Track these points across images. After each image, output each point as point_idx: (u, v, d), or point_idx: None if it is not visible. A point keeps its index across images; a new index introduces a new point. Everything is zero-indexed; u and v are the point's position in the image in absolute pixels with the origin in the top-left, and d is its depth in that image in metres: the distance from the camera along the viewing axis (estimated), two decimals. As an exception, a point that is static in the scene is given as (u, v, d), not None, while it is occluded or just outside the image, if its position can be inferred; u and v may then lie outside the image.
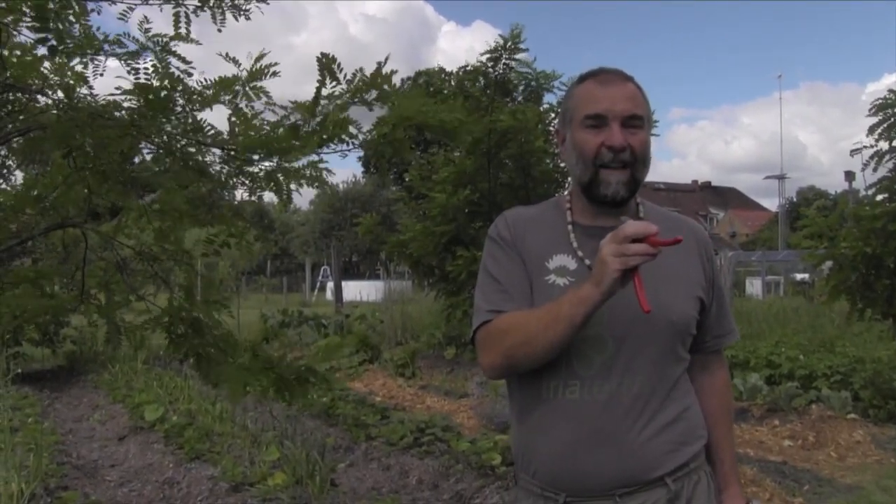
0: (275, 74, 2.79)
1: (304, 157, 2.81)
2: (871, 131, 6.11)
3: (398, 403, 7.99)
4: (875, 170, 6.22)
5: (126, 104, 2.66)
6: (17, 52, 2.70)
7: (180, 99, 2.70)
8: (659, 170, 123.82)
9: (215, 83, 2.73)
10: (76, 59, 2.61)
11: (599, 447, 1.49)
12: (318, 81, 2.65)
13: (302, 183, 2.93)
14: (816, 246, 6.78)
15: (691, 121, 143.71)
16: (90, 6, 2.59)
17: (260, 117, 2.88)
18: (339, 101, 2.65)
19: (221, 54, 2.75)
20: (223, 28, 2.84)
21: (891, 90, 6.11)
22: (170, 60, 2.70)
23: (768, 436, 6.32)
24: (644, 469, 1.50)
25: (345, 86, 2.65)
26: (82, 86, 2.66)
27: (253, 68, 2.74)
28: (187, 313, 3.10)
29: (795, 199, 49.77)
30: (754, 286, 22.86)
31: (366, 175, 47.50)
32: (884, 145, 6.14)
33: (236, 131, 2.82)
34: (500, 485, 4.54)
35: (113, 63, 2.70)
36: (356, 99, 2.65)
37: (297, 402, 3.25)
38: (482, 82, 9.37)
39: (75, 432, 6.94)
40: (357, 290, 21.19)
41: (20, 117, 2.76)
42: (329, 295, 24.95)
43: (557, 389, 1.53)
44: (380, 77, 2.65)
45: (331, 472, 4.87)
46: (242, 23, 2.90)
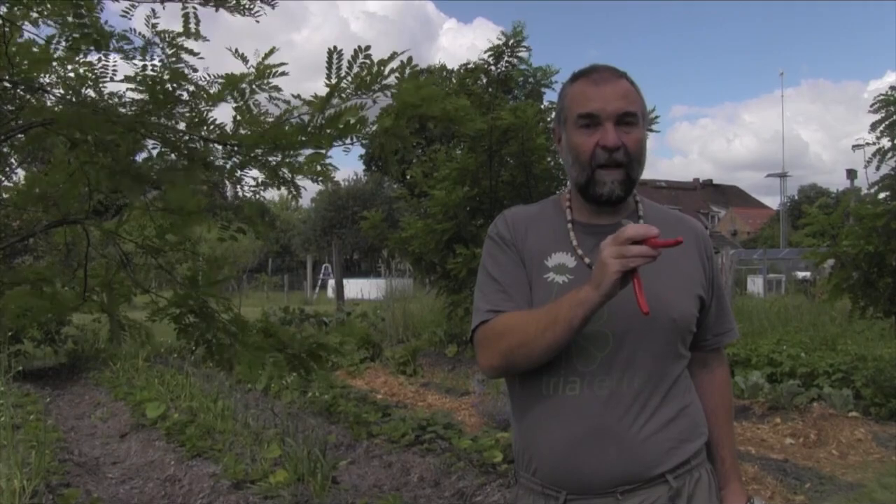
0: (283, 74, 2.79)
1: (315, 151, 2.83)
2: (874, 128, 6.10)
3: (399, 401, 7.99)
4: (878, 168, 6.22)
5: (130, 96, 2.67)
6: (34, 49, 2.70)
7: (185, 94, 2.70)
8: (660, 168, 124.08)
9: (223, 81, 2.73)
10: (89, 56, 2.62)
11: (600, 444, 1.49)
12: (330, 79, 2.65)
13: (308, 178, 2.94)
14: (818, 244, 6.78)
15: (693, 118, 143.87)
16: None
17: (266, 112, 2.88)
18: (344, 95, 2.66)
19: (230, 49, 2.75)
20: (228, 24, 2.84)
21: (893, 87, 6.11)
22: (180, 55, 2.71)
23: (770, 434, 6.32)
24: (645, 466, 1.50)
25: (350, 80, 2.66)
26: (92, 83, 2.66)
27: (261, 66, 2.74)
28: (195, 301, 3.12)
29: (797, 198, 49.71)
30: (756, 284, 22.82)
31: (367, 173, 47.55)
32: (886, 143, 6.14)
33: (240, 129, 2.82)
34: (502, 482, 4.54)
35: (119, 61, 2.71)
36: (361, 91, 2.66)
37: (312, 377, 3.30)
38: (484, 80, 9.36)
39: (77, 430, 6.95)
40: (358, 288, 21.21)
41: (23, 113, 2.76)
42: (330, 293, 24.96)
43: (558, 386, 1.53)
44: (388, 75, 2.66)
45: (332, 470, 4.87)
46: (243, 20, 2.90)
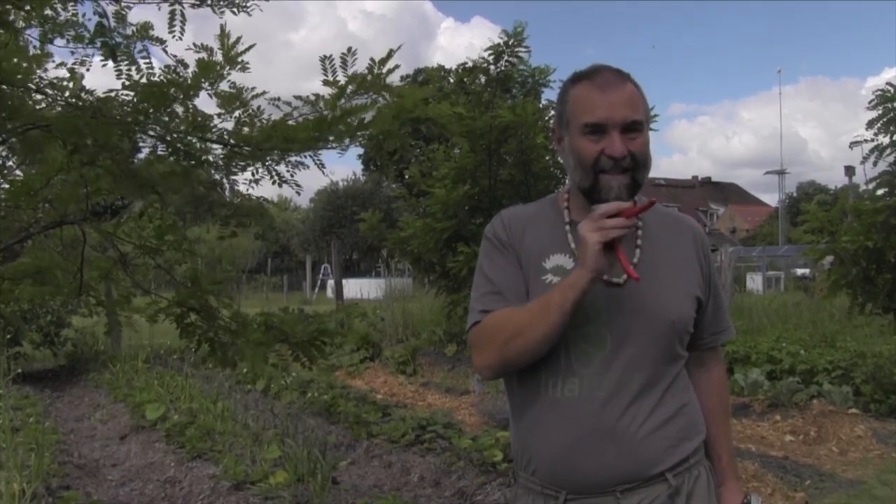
0: (247, 49, 2.79)
1: (336, 147, 2.86)
2: (871, 125, 6.10)
3: (399, 401, 7.99)
4: (875, 164, 6.21)
5: (123, 96, 2.67)
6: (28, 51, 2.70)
7: (173, 89, 2.70)
8: (659, 165, 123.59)
9: (197, 69, 2.73)
10: (70, 56, 2.62)
11: (600, 444, 1.49)
12: (330, 82, 2.68)
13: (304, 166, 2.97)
14: (817, 241, 6.78)
15: (691, 116, 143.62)
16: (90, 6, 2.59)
17: (264, 112, 2.89)
18: (346, 96, 2.69)
19: (191, 47, 2.75)
20: (222, 23, 2.84)
21: (889, 83, 6.10)
22: (152, 50, 2.72)
23: (769, 431, 6.32)
24: (645, 465, 1.50)
25: (350, 82, 2.69)
26: (77, 84, 2.66)
27: (224, 48, 2.74)
28: (196, 300, 3.13)
29: (796, 195, 49.74)
30: (755, 281, 22.85)
31: (366, 173, 47.53)
32: (884, 139, 6.13)
33: (243, 129, 2.83)
34: (502, 481, 4.54)
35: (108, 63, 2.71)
36: (362, 93, 2.69)
37: (317, 363, 3.34)
38: (482, 79, 9.35)
39: (76, 432, 6.94)
40: (358, 288, 21.21)
41: (19, 117, 2.76)
42: (330, 293, 24.95)
43: (556, 387, 1.53)
44: (386, 75, 2.69)
45: (332, 470, 4.87)
46: (240, 21, 2.92)
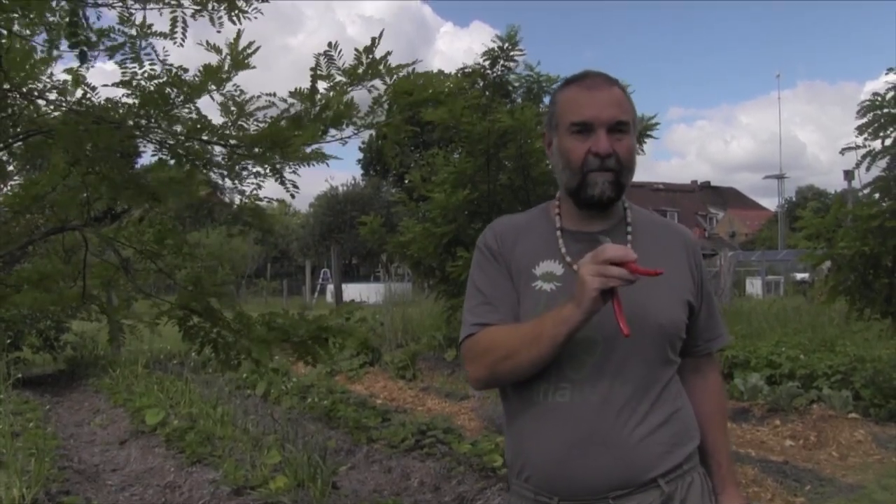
0: (255, 52, 2.81)
1: (308, 146, 2.87)
2: (861, 131, 6.13)
3: (399, 406, 7.99)
4: (868, 169, 6.23)
5: (124, 100, 2.68)
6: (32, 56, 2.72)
7: (175, 94, 2.71)
8: (658, 170, 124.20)
9: (202, 72, 2.75)
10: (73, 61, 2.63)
11: (592, 450, 1.49)
12: (312, 70, 2.70)
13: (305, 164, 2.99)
14: (815, 247, 6.79)
15: (690, 120, 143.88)
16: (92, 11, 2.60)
17: (261, 111, 2.91)
18: (338, 89, 2.69)
19: (201, 43, 2.77)
20: (220, 31, 2.85)
21: (875, 93, 6.13)
22: (156, 49, 2.73)
23: (769, 436, 6.32)
24: (637, 471, 1.50)
25: (343, 74, 2.70)
26: (79, 88, 2.67)
27: (233, 51, 2.76)
28: (198, 302, 3.15)
29: (795, 199, 49.77)
30: (754, 286, 22.88)
31: (365, 177, 47.54)
32: (876, 145, 6.16)
33: (235, 122, 2.84)
34: (502, 486, 4.54)
35: (109, 66, 2.72)
36: (356, 84, 2.71)
37: (321, 361, 3.37)
38: (481, 84, 9.36)
39: (76, 437, 6.94)
40: (357, 293, 21.19)
41: (21, 122, 2.77)
42: (329, 297, 24.94)
43: (548, 393, 1.54)
44: (379, 63, 2.71)
45: (332, 475, 4.87)
46: (237, 24, 2.92)
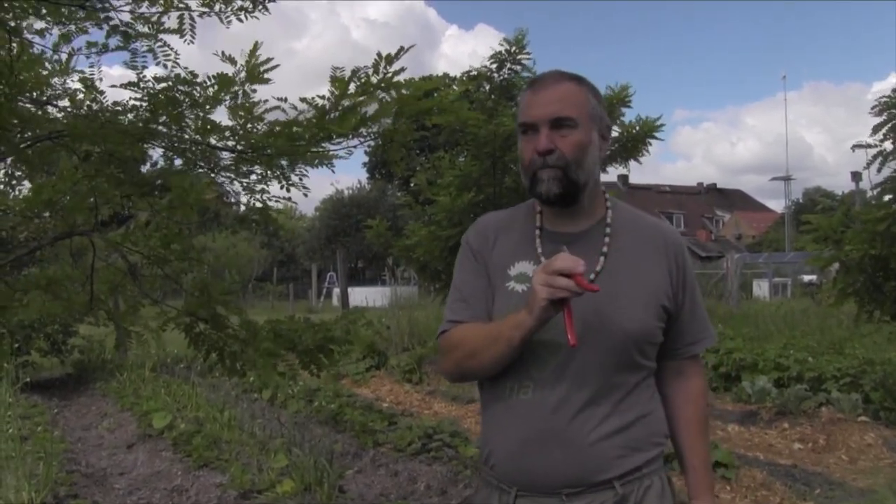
0: (272, 68, 2.82)
1: (341, 140, 2.90)
2: (875, 131, 6.07)
3: (405, 409, 7.99)
4: (879, 170, 6.18)
5: (133, 103, 2.69)
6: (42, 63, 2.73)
7: (184, 98, 2.72)
8: (664, 172, 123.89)
9: (216, 82, 2.76)
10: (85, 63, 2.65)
11: (548, 447, 1.52)
12: (332, 78, 2.73)
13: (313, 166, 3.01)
14: (822, 249, 6.75)
15: (695, 122, 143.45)
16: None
17: (268, 113, 2.93)
18: (355, 99, 2.72)
19: (217, 53, 2.78)
20: (226, 31, 2.87)
21: (895, 89, 6.08)
22: (168, 46, 2.74)
23: (777, 439, 6.29)
24: (591, 471, 1.52)
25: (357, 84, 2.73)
26: (92, 93, 2.69)
27: (250, 64, 2.77)
28: (205, 309, 3.16)
29: (802, 201, 49.62)
30: (762, 288, 22.76)
31: (371, 181, 47.59)
32: (888, 145, 6.11)
33: (244, 125, 2.85)
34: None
35: (118, 71, 2.73)
36: (369, 91, 2.74)
37: (325, 370, 3.40)
38: (487, 87, 9.37)
39: (84, 440, 6.95)
40: (363, 296, 21.21)
41: (30, 127, 2.79)
42: (336, 301, 24.97)
43: (514, 389, 1.57)
44: (392, 76, 2.73)
45: (339, 479, 4.87)
46: (244, 28, 2.93)
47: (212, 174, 3.10)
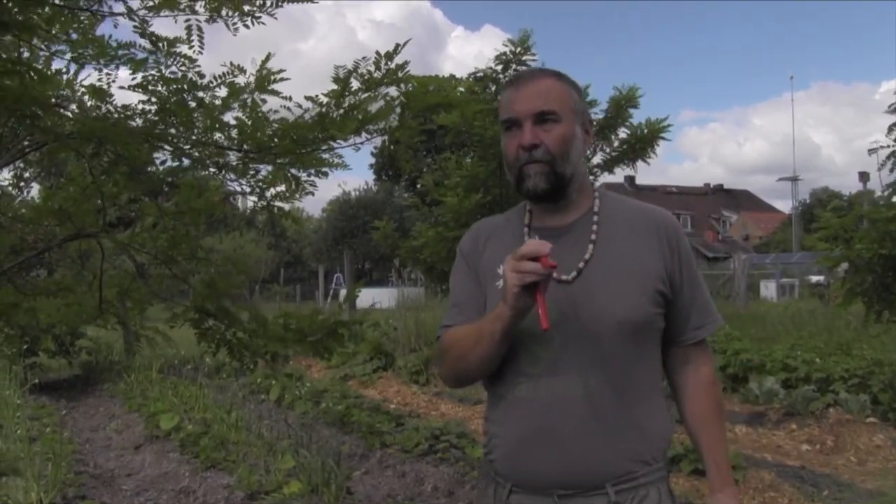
0: (282, 80, 2.83)
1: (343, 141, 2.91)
2: (891, 131, 6.04)
3: (412, 410, 7.99)
4: (892, 170, 6.15)
5: (142, 107, 2.71)
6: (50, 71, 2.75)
7: (193, 102, 2.73)
8: (670, 173, 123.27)
9: (227, 91, 2.77)
10: (93, 71, 2.66)
11: (542, 446, 1.50)
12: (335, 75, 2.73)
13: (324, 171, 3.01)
14: (831, 248, 6.72)
15: (702, 123, 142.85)
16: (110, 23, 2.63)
17: (272, 111, 2.94)
18: (360, 95, 2.73)
19: (225, 64, 2.78)
20: (234, 35, 2.87)
21: None
22: (180, 63, 2.74)
23: (785, 440, 6.27)
24: (585, 476, 1.49)
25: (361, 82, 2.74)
26: (102, 99, 2.70)
27: (260, 74, 2.78)
28: (212, 303, 3.18)
29: (809, 201, 49.41)
30: (769, 289, 22.69)
31: (378, 182, 47.66)
32: (899, 145, 6.07)
33: (250, 131, 2.86)
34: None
35: (124, 73, 2.74)
36: (373, 89, 2.74)
37: (335, 356, 3.44)
38: (492, 89, 9.36)
39: (92, 441, 6.98)
40: (370, 297, 21.20)
41: (37, 130, 2.80)
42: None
43: (510, 386, 1.56)
44: (397, 71, 2.74)
45: (346, 480, 4.87)
46: (249, 31, 2.93)
47: (219, 175, 3.11)
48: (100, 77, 2.69)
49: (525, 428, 1.53)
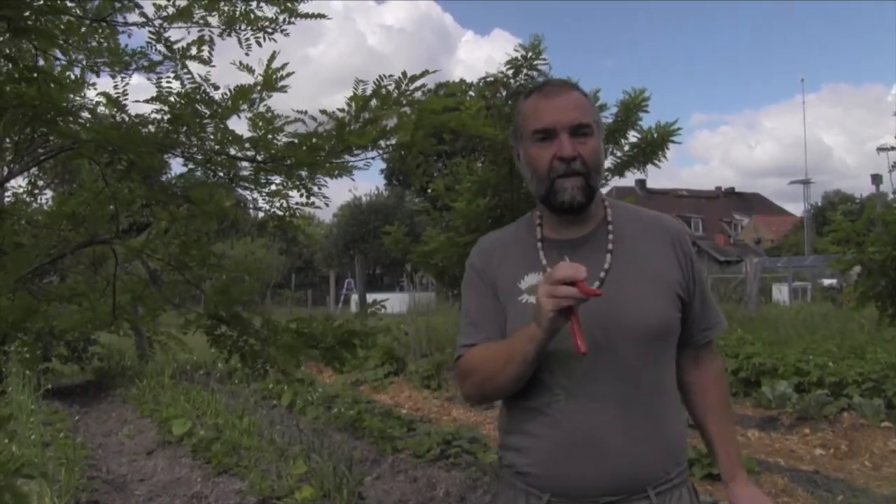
0: (289, 75, 2.83)
1: (360, 152, 2.92)
2: (904, 132, 6.00)
3: (424, 415, 7.99)
4: (904, 172, 6.11)
5: (154, 115, 2.73)
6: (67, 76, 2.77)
7: (205, 109, 2.75)
8: (681, 176, 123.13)
9: (234, 93, 2.79)
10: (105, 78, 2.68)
11: (584, 455, 1.52)
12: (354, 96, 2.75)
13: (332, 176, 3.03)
14: (844, 251, 6.68)
15: (713, 126, 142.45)
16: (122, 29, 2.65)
17: (289, 125, 2.95)
18: (377, 112, 2.75)
19: (234, 63, 2.80)
20: (249, 53, 2.88)
21: None
22: (190, 69, 2.76)
23: (799, 444, 6.23)
24: (629, 480, 1.52)
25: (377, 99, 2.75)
26: (113, 106, 2.72)
27: (266, 73, 2.79)
28: (225, 310, 3.19)
29: (821, 204, 49.11)
30: (781, 292, 22.56)
31: (388, 187, 47.73)
32: (913, 148, 6.04)
33: (264, 136, 2.87)
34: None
35: (136, 80, 2.77)
36: (387, 107, 2.75)
37: (348, 366, 3.41)
38: (503, 93, 9.37)
39: (105, 447, 7.01)
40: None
41: (51, 138, 2.83)
42: (354, 307, 25.00)
43: (543, 398, 1.56)
44: (412, 92, 2.76)
45: (358, 485, 4.87)
46: (262, 46, 2.95)
47: (231, 184, 3.13)
48: (115, 84, 2.72)
49: (565, 439, 1.53)
